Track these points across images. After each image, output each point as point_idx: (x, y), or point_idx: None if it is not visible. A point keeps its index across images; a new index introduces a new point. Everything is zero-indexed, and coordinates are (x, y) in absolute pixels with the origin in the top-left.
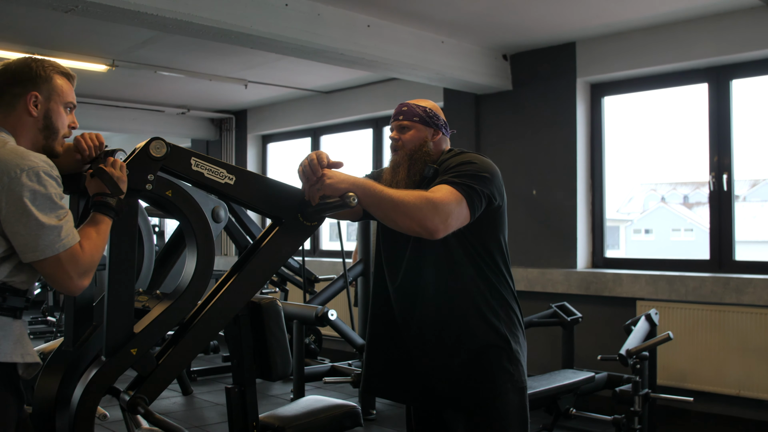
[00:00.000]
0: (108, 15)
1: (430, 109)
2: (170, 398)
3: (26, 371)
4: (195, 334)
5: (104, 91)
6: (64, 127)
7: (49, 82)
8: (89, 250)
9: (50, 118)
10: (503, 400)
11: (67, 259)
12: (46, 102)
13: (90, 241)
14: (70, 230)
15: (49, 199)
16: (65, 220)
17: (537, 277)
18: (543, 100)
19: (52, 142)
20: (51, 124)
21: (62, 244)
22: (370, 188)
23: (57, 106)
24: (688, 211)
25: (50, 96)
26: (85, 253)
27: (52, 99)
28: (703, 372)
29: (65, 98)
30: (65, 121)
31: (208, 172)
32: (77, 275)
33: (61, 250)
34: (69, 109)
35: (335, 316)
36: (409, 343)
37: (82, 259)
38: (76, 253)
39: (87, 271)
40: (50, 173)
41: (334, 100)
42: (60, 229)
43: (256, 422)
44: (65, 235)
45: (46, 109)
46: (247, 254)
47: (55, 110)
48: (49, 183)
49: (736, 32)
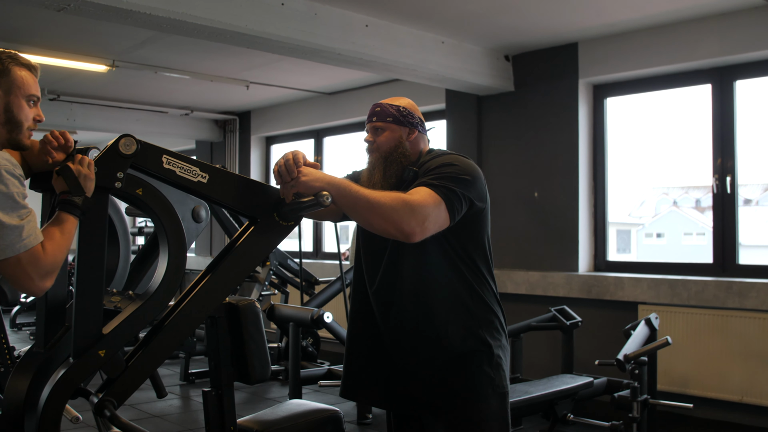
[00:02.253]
0: (101, 14)
1: (404, 108)
2: (166, 400)
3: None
4: (166, 335)
5: (107, 92)
6: (27, 120)
7: (8, 75)
8: (51, 250)
9: (11, 112)
10: (483, 405)
11: (27, 260)
12: (6, 95)
13: (53, 242)
14: (32, 230)
15: (11, 198)
16: (27, 219)
17: (538, 281)
18: (545, 101)
19: (16, 136)
20: (12, 117)
21: (23, 244)
22: (345, 188)
23: (18, 100)
24: (700, 215)
25: (10, 89)
26: (47, 254)
27: (12, 92)
28: (704, 378)
29: (27, 90)
30: (29, 114)
31: (180, 170)
32: (38, 276)
33: (22, 251)
34: (32, 102)
35: (331, 319)
36: (387, 346)
37: (43, 260)
38: (37, 253)
39: (49, 272)
40: (12, 172)
41: (337, 102)
42: (21, 229)
43: (233, 426)
44: (26, 236)
45: (6, 103)
46: (222, 254)
47: (15, 104)
48: (11, 182)
49: (740, 32)
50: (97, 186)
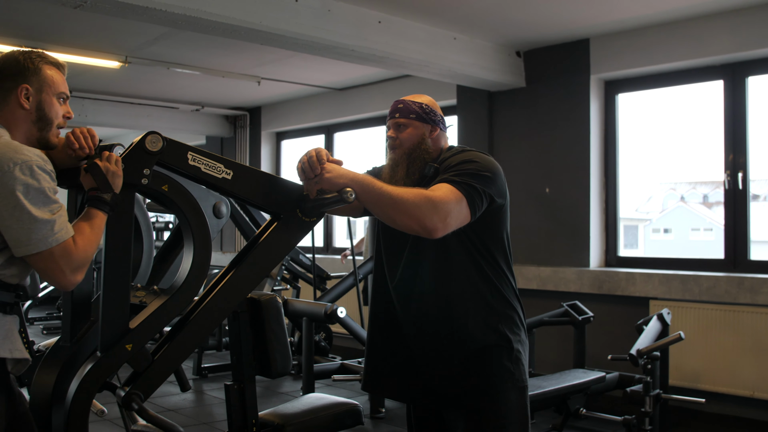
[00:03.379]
0: (117, 11)
1: (427, 105)
2: (180, 394)
3: (15, 367)
4: (191, 330)
5: (118, 88)
6: (58, 118)
7: (39, 74)
8: (82, 245)
9: (43, 110)
10: (503, 399)
11: (59, 254)
12: (38, 94)
13: (83, 236)
14: (64, 225)
15: (42, 193)
16: (58, 214)
17: (549, 276)
18: (556, 97)
19: (46, 134)
20: (44, 115)
21: (55, 238)
22: (368, 185)
23: (49, 97)
24: (708, 210)
25: (41, 87)
26: (78, 248)
27: (44, 90)
28: (716, 373)
29: (57, 89)
30: (59, 112)
31: (205, 167)
32: (69, 270)
33: (54, 245)
34: (62, 99)
35: (344, 314)
36: (408, 341)
37: (74, 254)
38: (68, 247)
39: (80, 266)
40: (44, 167)
41: (347, 98)
42: (53, 223)
43: (255, 419)
44: (58, 230)
45: (38, 101)
46: (246, 250)
47: (47, 101)
48: (43, 177)
49: (752, 28)
50: (123, 183)
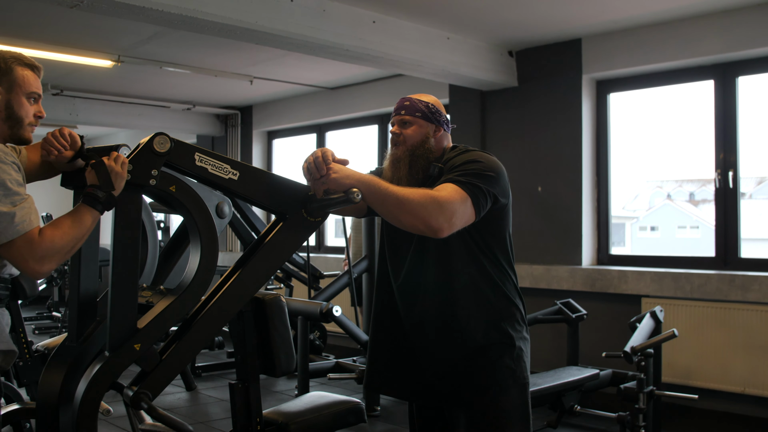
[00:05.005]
0: (114, 11)
1: (433, 105)
2: (174, 394)
3: (4, 360)
4: (199, 329)
5: (110, 87)
6: (28, 116)
7: (10, 74)
8: (50, 236)
9: (12, 109)
10: (504, 397)
11: (21, 244)
12: (7, 93)
13: (56, 229)
14: (26, 216)
15: (3, 186)
16: (20, 206)
17: (542, 274)
18: (549, 96)
19: (17, 131)
20: (13, 113)
21: (16, 230)
22: (374, 185)
23: (18, 97)
24: (694, 208)
25: (11, 87)
26: (43, 238)
27: (13, 90)
28: (707, 369)
29: (28, 88)
30: (29, 111)
31: (212, 168)
32: (33, 260)
33: (16, 236)
34: (33, 99)
35: (340, 312)
36: (411, 339)
37: (38, 245)
38: (31, 238)
39: (44, 256)
40: (4, 159)
41: (339, 97)
42: (12, 215)
43: (259, 418)
44: (19, 221)
45: (6, 100)
46: (251, 250)
47: (16, 101)
48: (2, 169)
49: (743, 29)
50: (132, 183)
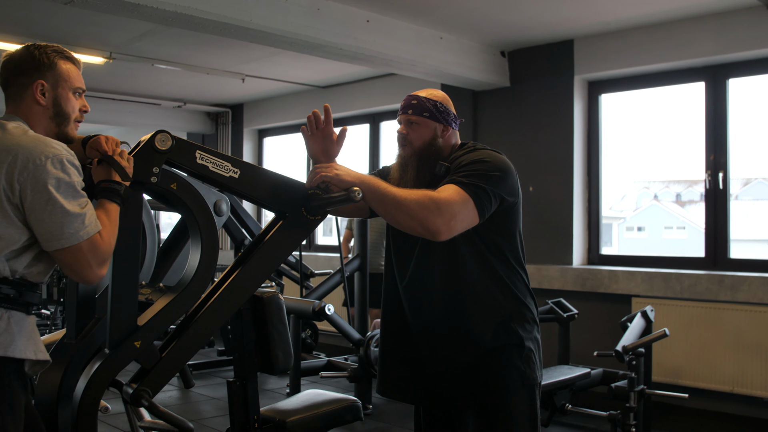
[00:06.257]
0: (108, 7)
1: (441, 104)
2: (167, 392)
3: (32, 368)
4: (198, 326)
5: (101, 84)
6: (74, 112)
7: (54, 69)
8: (107, 237)
9: (60, 105)
10: (512, 399)
11: (88, 248)
12: (54, 89)
13: (105, 229)
14: (92, 218)
15: (72, 187)
16: (87, 208)
17: (533, 274)
18: (540, 97)
19: (64, 129)
20: (61, 110)
21: (86, 231)
22: (374, 185)
23: (65, 92)
24: (681, 209)
25: (57, 82)
26: (104, 241)
27: (60, 85)
28: (697, 369)
29: (73, 83)
30: (75, 106)
31: (212, 166)
32: (96, 264)
33: (85, 238)
34: (78, 93)
35: (332, 311)
36: (418, 341)
37: (101, 248)
38: (96, 241)
39: (105, 259)
40: (72, 161)
41: (331, 95)
42: (83, 216)
43: (257, 416)
44: (88, 223)
45: (54, 96)
46: (251, 248)
47: (63, 96)
48: (72, 171)
49: (734, 31)
50: (133, 181)
